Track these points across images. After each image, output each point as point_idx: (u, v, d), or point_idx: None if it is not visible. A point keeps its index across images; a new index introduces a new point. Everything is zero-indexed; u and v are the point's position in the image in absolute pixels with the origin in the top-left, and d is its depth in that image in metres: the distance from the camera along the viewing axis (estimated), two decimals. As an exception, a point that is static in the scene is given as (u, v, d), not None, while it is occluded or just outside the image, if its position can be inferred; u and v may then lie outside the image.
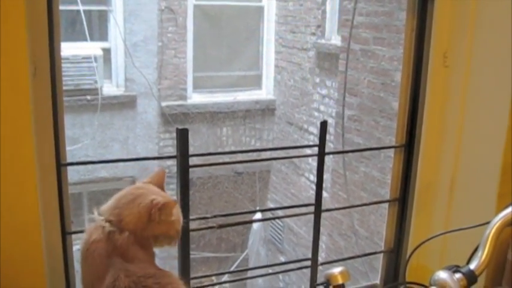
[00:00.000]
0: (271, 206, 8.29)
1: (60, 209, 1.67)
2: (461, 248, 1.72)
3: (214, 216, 1.93)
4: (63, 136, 1.66)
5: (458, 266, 1.32)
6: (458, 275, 1.27)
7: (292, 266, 4.57)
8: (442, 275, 1.27)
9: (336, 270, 1.24)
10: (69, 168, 1.72)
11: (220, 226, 1.92)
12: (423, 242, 1.44)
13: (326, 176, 1.87)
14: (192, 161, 1.82)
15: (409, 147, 2.14)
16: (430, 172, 2.07)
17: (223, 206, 7.92)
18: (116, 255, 1.36)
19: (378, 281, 2.35)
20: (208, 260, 8.03)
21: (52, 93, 1.58)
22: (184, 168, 1.76)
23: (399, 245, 2.22)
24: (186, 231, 1.82)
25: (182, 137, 1.74)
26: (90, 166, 6.85)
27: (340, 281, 1.23)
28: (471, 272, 1.28)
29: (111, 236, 1.37)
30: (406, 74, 2.10)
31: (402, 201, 2.18)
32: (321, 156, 1.97)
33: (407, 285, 1.40)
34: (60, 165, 1.66)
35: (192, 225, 1.85)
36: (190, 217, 1.83)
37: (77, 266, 1.77)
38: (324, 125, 1.94)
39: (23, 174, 1.49)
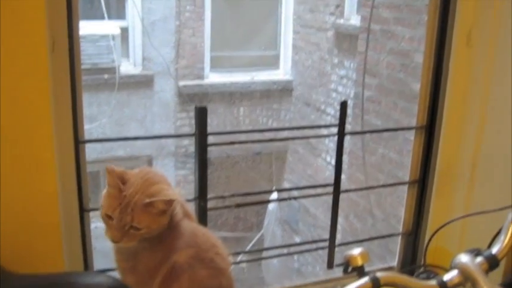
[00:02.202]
0: (287, 186, 8.27)
1: (78, 187, 1.67)
2: (481, 232, 1.70)
3: (232, 196, 1.92)
4: (81, 113, 1.65)
5: (479, 250, 1.30)
6: (479, 259, 1.25)
7: (308, 247, 4.58)
8: (463, 258, 1.24)
9: (356, 251, 1.22)
10: (86, 146, 1.71)
11: (238, 205, 1.91)
12: (444, 225, 1.42)
13: (343, 157, 1.86)
14: (210, 140, 1.81)
15: (430, 129, 2.11)
16: (451, 154, 2.04)
17: (240, 186, 7.92)
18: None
19: (395, 264, 2.33)
20: (225, 239, 8.05)
21: (70, 69, 1.57)
22: (202, 147, 1.75)
23: (418, 228, 2.20)
24: (204, 211, 1.81)
25: (201, 115, 1.72)
26: (107, 145, 6.86)
27: (359, 263, 1.21)
28: (493, 256, 1.25)
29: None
30: (428, 54, 2.06)
31: (422, 183, 2.16)
32: (341, 136, 1.95)
33: (427, 267, 1.37)
34: (79, 143, 1.65)
35: (210, 204, 1.85)
36: (208, 196, 1.82)
37: (95, 243, 1.78)
38: (344, 105, 1.91)
39: (41, 151, 1.48)
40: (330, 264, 2.09)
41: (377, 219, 5.45)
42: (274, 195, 6.22)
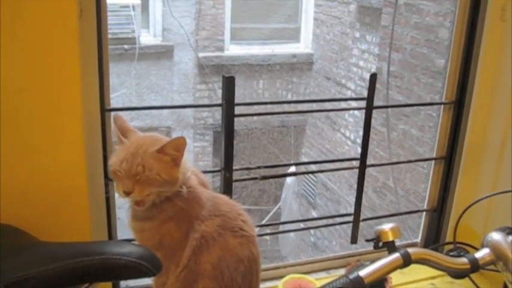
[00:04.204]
0: (306, 161, 8.26)
1: (103, 155, 1.66)
2: (508, 210, 1.68)
3: (258, 168, 1.91)
4: (107, 81, 1.64)
5: (511, 228, 1.28)
6: (512, 237, 1.22)
7: (326, 221, 4.58)
8: (496, 236, 1.22)
9: (387, 226, 1.20)
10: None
11: (264, 178, 1.90)
12: (475, 202, 1.39)
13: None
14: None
15: (459, 105, 2.07)
16: (480, 131, 2.01)
17: (258, 159, 7.93)
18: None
19: (418, 240, 2.32)
20: (249, 211, 8.08)
21: (98, 37, 1.56)
22: (230, 117, 1.73)
23: (443, 205, 2.18)
24: (229, 182, 1.80)
25: (229, 84, 1.70)
26: (126, 115, 6.86)
27: (390, 238, 1.19)
28: (526, 234, 1.23)
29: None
30: (459, 29, 2.02)
31: (449, 159, 2.13)
32: (369, 109, 1.92)
33: (457, 245, 1.35)
34: (105, 111, 1.64)
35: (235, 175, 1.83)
36: (234, 167, 1.80)
37: (119, 213, 1.78)
38: (373, 77, 1.88)
39: (69, 117, 1.47)
40: (354, 239, 2.07)
41: (396, 195, 5.44)
42: (293, 169, 6.20)
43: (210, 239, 1.36)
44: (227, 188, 1.80)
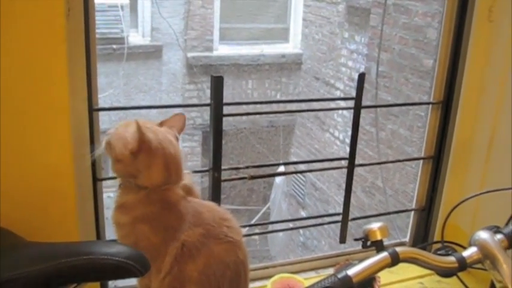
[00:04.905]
0: (295, 161, 8.26)
1: (91, 155, 1.65)
2: (494, 209, 1.68)
3: (247, 167, 1.91)
4: (95, 80, 1.63)
5: (498, 227, 1.28)
6: (499, 236, 1.23)
7: (315, 221, 4.58)
8: (483, 235, 1.22)
9: (375, 225, 1.20)
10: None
11: (252, 177, 1.89)
12: (463, 201, 1.39)
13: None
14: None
15: (446, 104, 2.08)
16: (467, 130, 2.02)
17: (247, 159, 7.92)
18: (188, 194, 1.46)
19: (406, 239, 2.32)
20: (237, 211, 8.08)
21: (85, 37, 1.55)
22: (218, 117, 1.73)
23: (431, 204, 2.19)
24: (218, 181, 1.80)
25: (217, 84, 1.70)
26: (115, 116, 6.84)
27: (379, 237, 1.19)
28: (513, 233, 1.24)
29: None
30: (447, 29, 2.03)
31: (437, 159, 2.14)
32: (358, 109, 1.92)
33: (444, 244, 1.35)
34: (93, 110, 1.64)
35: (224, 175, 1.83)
36: (222, 167, 1.80)
37: (107, 213, 1.77)
38: (361, 77, 1.88)
39: (57, 117, 1.46)
40: (343, 239, 2.08)
41: (385, 195, 5.45)
42: (282, 169, 6.21)
43: (193, 248, 1.37)
44: (216, 188, 1.80)
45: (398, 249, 1.16)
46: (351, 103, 1.95)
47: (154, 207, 1.40)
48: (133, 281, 1.81)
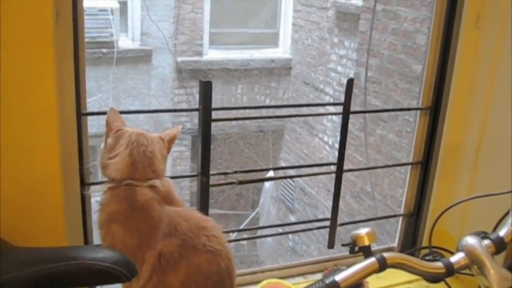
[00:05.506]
0: (284, 166, 8.26)
1: (79, 159, 1.65)
2: (483, 215, 1.69)
3: (235, 172, 1.91)
4: (84, 85, 1.63)
5: (485, 233, 1.28)
6: (487, 241, 1.23)
7: (305, 226, 4.58)
8: (470, 240, 1.22)
9: (363, 231, 1.20)
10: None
11: (241, 182, 1.89)
12: (451, 206, 1.39)
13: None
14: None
15: (435, 110, 2.09)
16: (456, 136, 2.03)
17: (236, 164, 7.92)
18: (165, 203, 1.45)
19: (395, 244, 2.33)
20: (226, 216, 8.07)
21: (74, 41, 1.54)
22: (206, 122, 1.73)
23: (419, 209, 2.19)
24: (206, 186, 1.79)
25: (206, 89, 1.70)
26: (103, 120, 6.82)
27: (366, 242, 1.19)
28: (500, 239, 1.24)
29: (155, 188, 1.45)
30: (435, 35, 2.04)
31: (425, 164, 2.15)
32: (346, 114, 1.93)
33: (432, 249, 1.36)
34: (81, 115, 1.63)
35: (212, 180, 1.83)
36: (211, 172, 1.80)
37: (94, 217, 1.77)
38: (350, 82, 1.89)
39: (44, 121, 1.45)
40: (331, 244, 2.08)
41: (374, 200, 5.46)
42: (271, 174, 6.20)
43: (171, 259, 1.37)
44: (204, 193, 1.80)
45: (385, 254, 1.16)
46: (340, 108, 1.95)
47: (124, 205, 1.41)
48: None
